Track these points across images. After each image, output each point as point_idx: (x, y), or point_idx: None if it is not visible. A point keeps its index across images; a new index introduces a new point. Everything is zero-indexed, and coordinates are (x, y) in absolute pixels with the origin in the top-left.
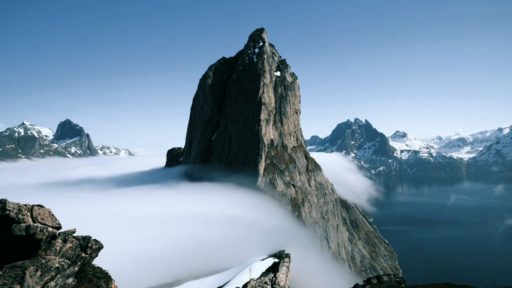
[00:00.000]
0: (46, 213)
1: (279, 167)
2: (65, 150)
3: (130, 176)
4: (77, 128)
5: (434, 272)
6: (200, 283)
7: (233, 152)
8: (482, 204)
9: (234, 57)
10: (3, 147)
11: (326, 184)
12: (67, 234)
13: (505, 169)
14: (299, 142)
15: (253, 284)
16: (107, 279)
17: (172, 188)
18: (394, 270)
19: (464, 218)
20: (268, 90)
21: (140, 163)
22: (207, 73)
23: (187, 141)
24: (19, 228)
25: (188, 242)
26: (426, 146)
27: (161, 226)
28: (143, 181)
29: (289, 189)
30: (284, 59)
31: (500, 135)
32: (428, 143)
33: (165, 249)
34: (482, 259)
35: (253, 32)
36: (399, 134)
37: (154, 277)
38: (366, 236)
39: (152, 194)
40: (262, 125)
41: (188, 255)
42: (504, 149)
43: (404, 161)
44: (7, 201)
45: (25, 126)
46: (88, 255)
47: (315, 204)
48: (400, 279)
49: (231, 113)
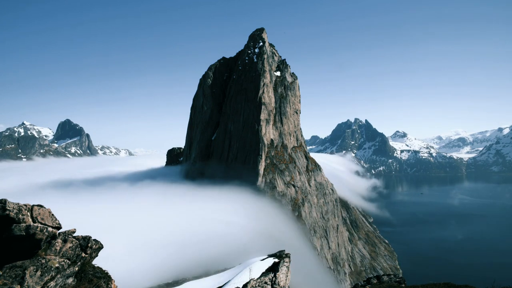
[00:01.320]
0: (46, 213)
1: (279, 167)
2: (65, 150)
3: (130, 176)
4: (77, 128)
5: (434, 272)
6: (200, 283)
7: (233, 152)
8: (482, 204)
9: (234, 57)
10: (3, 147)
11: (326, 184)
12: (67, 234)
13: (505, 169)
14: (299, 142)
15: (253, 284)
16: (107, 279)
17: (172, 189)
18: (394, 270)
19: (464, 218)
20: (268, 90)
21: (140, 163)
22: (207, 73)
23: (187, 141)
24: (19, 228)
25: (188, 242)
26: (426, 146)
27: (161, 226)
28: (143, 181)
29: (289, 189)
30: (284, 59)
31: (500, 135)
32: (428, 143)
33: (165, 249)
34: (482, 259)
35: (253, 32)
36: (399, 134)
37: (154, 277)
38: (366, 236)
39: (152, 194)
40: (262, 125)
41: (188, 255)
42: (504, 149)
43: (404, 161)
44: (7, 201)
45: (25, 126)
46: (88, 255)
47: (315, 204)
48: (400, 279)
49: (231, 113)
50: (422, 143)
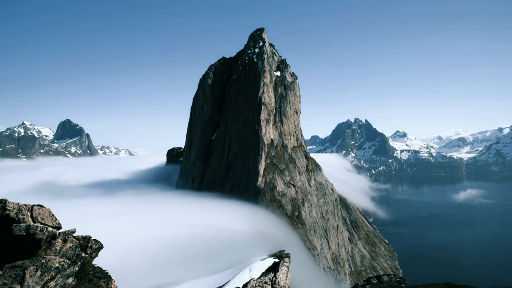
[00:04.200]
0: (46, 213)
1: (279, 167)
2: (65, 150)
3: (130, 176)
4: (77, 128)
5: (434, 272)
6: (200, 283)
7: (233, 152)
8: (482, 204)
9: (234, 57)
10: (3, 147)
11: (326, 184)
12: (67, 234)
13: (505, 169)
14: (299, 142)
15: (253, 284)
16: (107, 279)
17: (172, 189)
18: (394, 270)
19: (464, 218)
20: (268, 90)
21: (140, 163)
22: (207, 73)
23: (187, 141)
24: (19, 228)
25: (188, 242)
26: (426, 146)
27: (161, 226)
28: (143, 181)
29: (289, 189)
30: (284, 59)
31: (500, 135)
32: (428, 143)
33: (165, 249)
34: (482, 259)
35: (253, 32)
36: (399, 134)
37: (154, 277)
38: (366, 236)
39: (152, 194)
40: (262, 125)
41: (188, 255)
42: (504, 149)
43: (404, 161)
44: (7, 201)
45: (25, 126)
46: (88, 255)
47: (315, 204)
48: (400, 279)
49: (231, 113)
50: (422, 143)
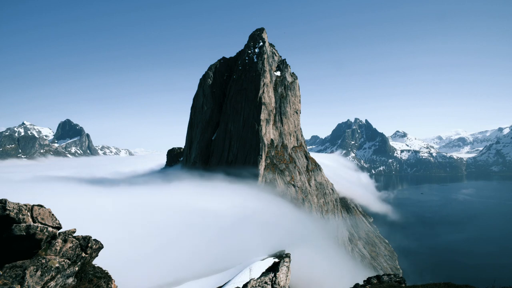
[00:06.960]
0: (46, 213)
1: (279, 167)
2: (65, 150)
3: (130, 176)
4: (77, 128)
5: (434, 272)
6: (200, 283)
7: (233, 152)
8: (482, 204)
9: (234, 57)
10: (3, 147)
11: (326, 184)
12: (67, 234)
13: (505, 169)
14: (299, 142)
15: (253, 284)
16: (107, 279)
17: (172, 189)
18: (394, 270)
19: (464, 218)
20: (268, 90)
21: (140, 162)
22: (207, 73)
23: (187, 141)
24: (19, 228)
25: (188, 241)
26: (426, 146)
27: (161, 226)
28: (143, 181)
29: (289, 189)
30: (284, 59)
31: (500, 135)
32: (428, 143)
33: (165, 249)
34: (482, 259)
35: (253, 32)
36: (399, 134)
37: (154, 276)
38: (366, 236)
39: (151, 194)
40: (262, 125)
41: (188, 254)
42: (504, 149)
43: (404, 161)
44: (7, 201)
45: (25, 126)
46: (88, 255)
47: (315, 204)
48: (400, 279)
49: (231, 113)
50: (422, 143)
